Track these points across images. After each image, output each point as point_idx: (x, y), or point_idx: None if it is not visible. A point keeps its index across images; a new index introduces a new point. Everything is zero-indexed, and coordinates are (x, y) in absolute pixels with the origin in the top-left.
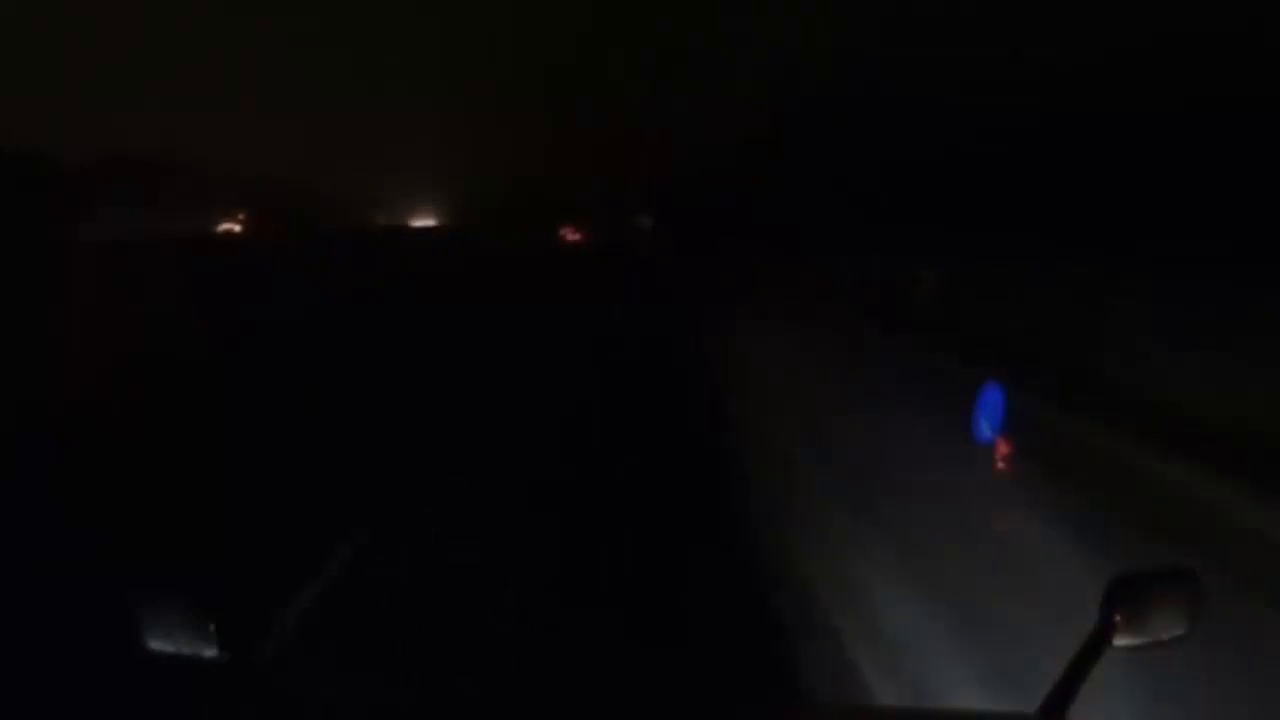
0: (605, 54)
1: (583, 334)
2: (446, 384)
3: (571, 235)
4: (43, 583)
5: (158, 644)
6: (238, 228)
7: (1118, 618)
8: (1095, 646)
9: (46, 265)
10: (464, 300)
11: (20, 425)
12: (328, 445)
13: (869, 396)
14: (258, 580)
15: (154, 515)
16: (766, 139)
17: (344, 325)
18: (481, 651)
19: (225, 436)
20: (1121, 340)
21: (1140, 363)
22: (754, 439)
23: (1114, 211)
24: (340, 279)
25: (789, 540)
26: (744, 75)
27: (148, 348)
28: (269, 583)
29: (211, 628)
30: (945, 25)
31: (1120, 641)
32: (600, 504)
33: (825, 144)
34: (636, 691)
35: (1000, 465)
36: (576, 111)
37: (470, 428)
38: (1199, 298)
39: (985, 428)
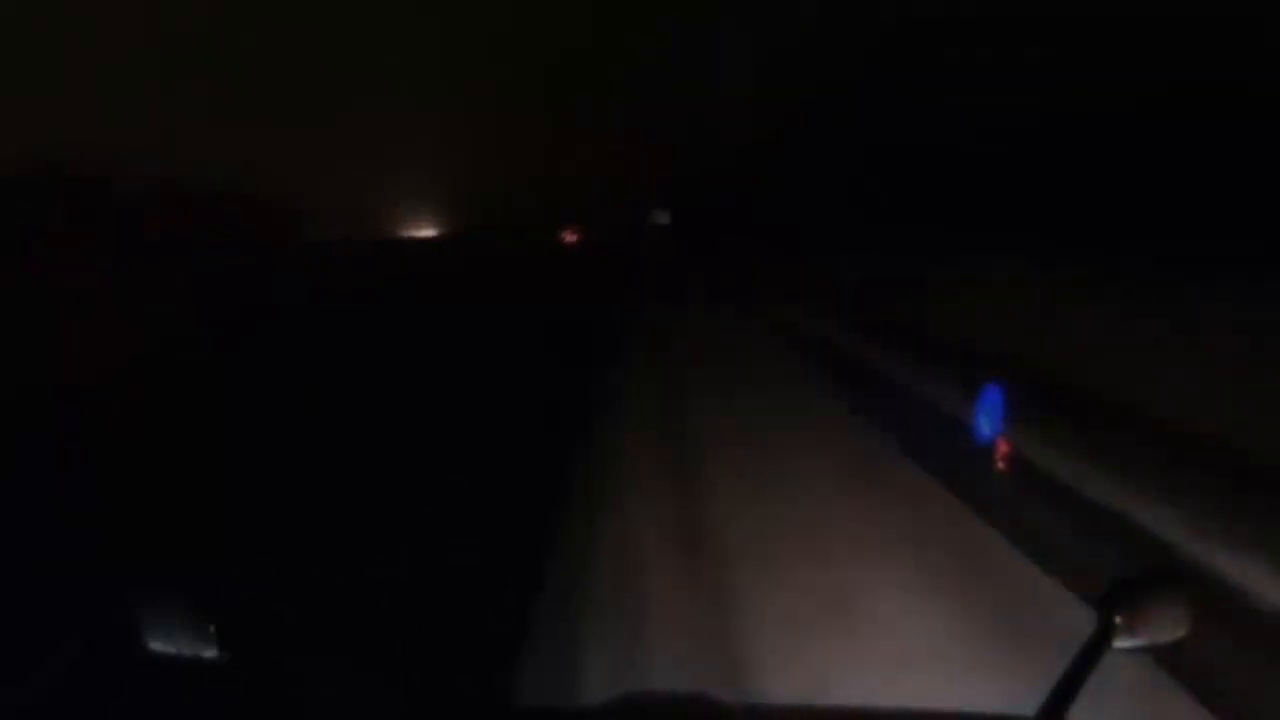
0: (605, 55)
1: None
2: (445, 382)
3: (569, 237)
4: (43, 583)
5: (158, 644)
6: None
7: (1117, 620)
8: (1095, 649)
9: None
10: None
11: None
12: (327, 444)
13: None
14: (258, 580)
15: (154, 515)
16: (767, 139)
17: (345, 325)
18: (481, 651)
19: (225, 436)
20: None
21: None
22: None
23: (1115, 212)
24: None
25: None
26: (744, 75)
27: (148, 348)
28: (269, 583)
29: (211, 628)
30: (945, 25)
31: (1120, 644)
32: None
33: (826, 144)
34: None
35: (1000, 465)
36: (577, 112)
37: (467, 427)
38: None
39: (985, 427)
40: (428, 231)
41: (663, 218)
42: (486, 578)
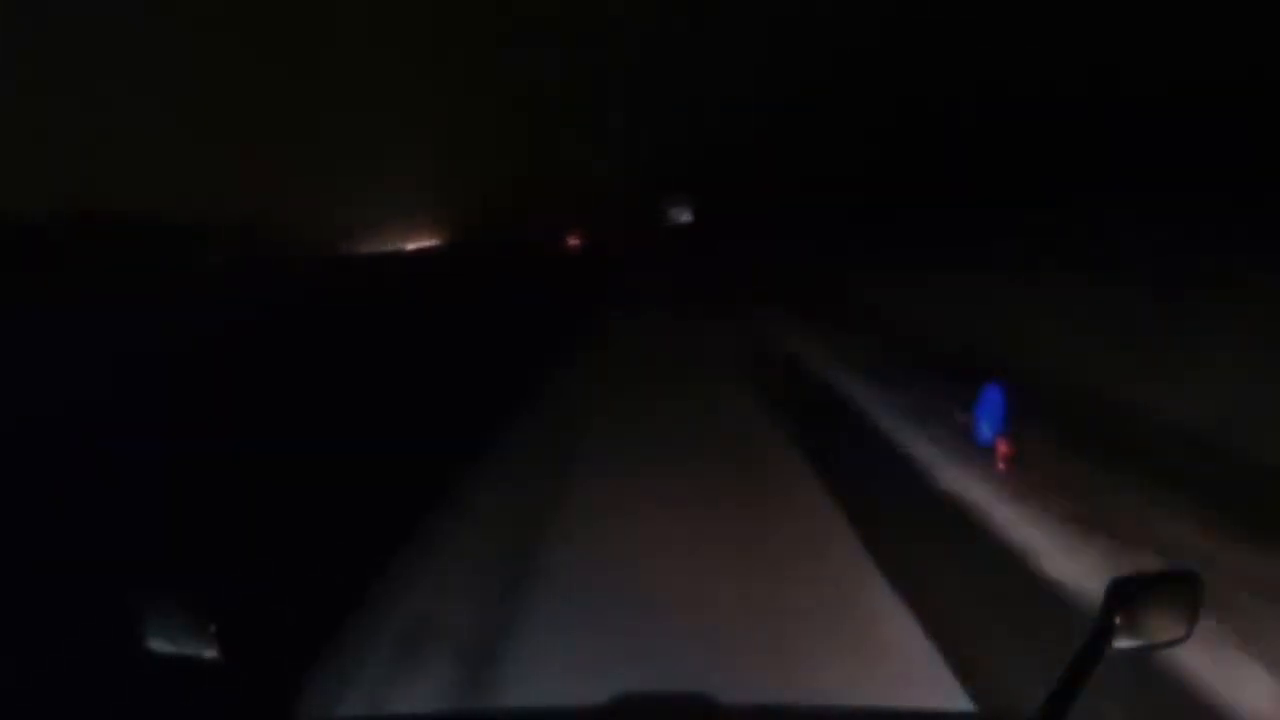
0: (606, 54)
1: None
2: (444, 382)
3: (571, 241)
4: (43, 583)
5: (158, 644)
6: None
7: (1118, 620)
8: (1095, 648)
9: None
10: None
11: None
12: (328, 444)
13: None
14: (257, 581)
15: (154, 516)
16: (770, 135)
17: (345, 323)
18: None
19: (225, 435)
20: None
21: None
22: None
23: (1116, 212)
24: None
25: None
26: (744, 74)
27: (147, 348)
28: (269, 583)
29: (211, 628)
30: (943, 26)
31: (1120, 644)
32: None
33: (823, 143)
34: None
35: (1000, 466)
36: (579, 112)
37: (468, 428)
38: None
39: (985, 428)
40: (427, 241)
41: (683, 215)
42: None
